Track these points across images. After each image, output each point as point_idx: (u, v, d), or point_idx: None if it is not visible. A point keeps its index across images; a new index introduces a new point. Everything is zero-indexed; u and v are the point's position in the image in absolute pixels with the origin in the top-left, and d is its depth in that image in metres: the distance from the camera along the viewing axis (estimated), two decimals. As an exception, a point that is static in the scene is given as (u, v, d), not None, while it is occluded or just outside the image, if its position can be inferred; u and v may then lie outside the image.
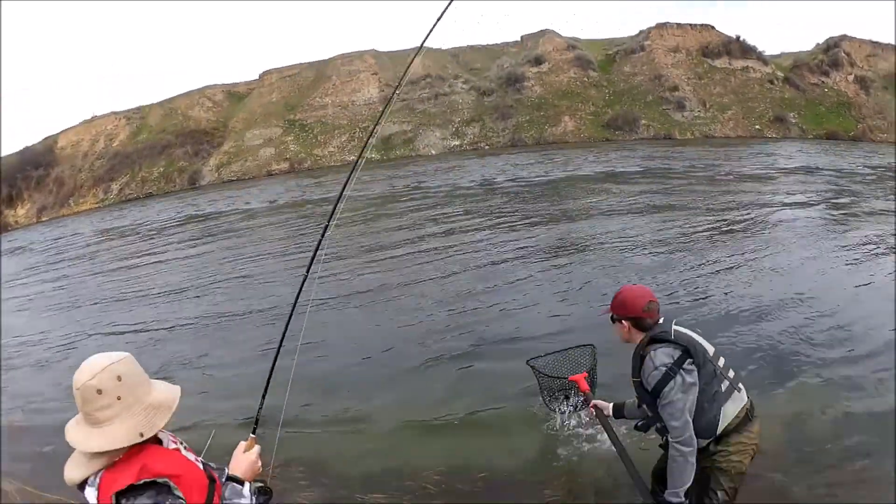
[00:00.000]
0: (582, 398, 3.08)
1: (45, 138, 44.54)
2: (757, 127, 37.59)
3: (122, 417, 1.39)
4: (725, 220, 10.54)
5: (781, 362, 4.87)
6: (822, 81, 42.42)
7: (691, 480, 2.32)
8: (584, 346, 3.29)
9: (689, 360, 2.31)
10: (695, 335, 2.45)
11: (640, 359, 2.42)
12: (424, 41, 2.89)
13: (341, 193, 2.55)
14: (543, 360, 3.30)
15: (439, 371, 5.32)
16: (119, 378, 1.38)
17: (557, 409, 3.30)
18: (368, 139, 3.10)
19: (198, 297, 9.01)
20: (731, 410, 2.38)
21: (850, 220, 10.36)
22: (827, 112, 40.67)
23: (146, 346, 6.93)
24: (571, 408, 3.22)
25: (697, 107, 36.13)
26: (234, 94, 37.97)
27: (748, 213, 10.95)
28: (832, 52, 43.94)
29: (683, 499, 2.33)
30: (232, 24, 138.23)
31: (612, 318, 2.55)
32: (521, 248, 9.46)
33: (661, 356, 2.31)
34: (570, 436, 3.80)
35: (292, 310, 2.29)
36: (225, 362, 6.20)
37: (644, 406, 2.58)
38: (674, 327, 2.43)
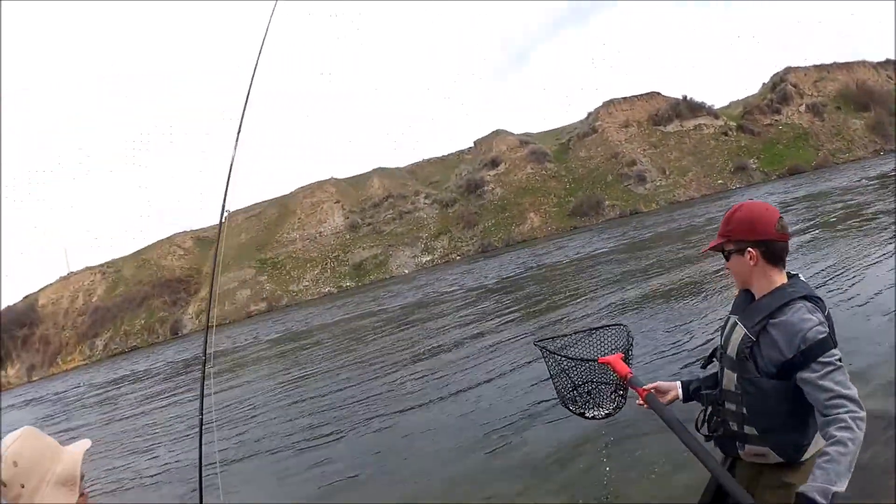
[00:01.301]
0: (621, 389, 2.13)
1: (26, 297, 44.87)
2: (720, 181, 37.93)
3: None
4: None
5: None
6: (776, 120, 43.03)
7: None
8: (612, 325, 2.32)
9: None
10: None
11: (776, 308, 1.71)
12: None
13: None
14: (558, 343, 2.36)
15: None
16: (16, 464, 1.28)
17: (584, 413, 2.26)
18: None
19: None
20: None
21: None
22: (785, 149, 41.12)
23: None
24: (607, 409, 2.19)
25: (658, 176, 36.55)
26: (203, 240, 38.36)
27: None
28: (779, 88, 44.71)
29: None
30: (191, 167, 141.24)
31: (727, 251, 1.81)
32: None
33: (819, 313, 1.69)
34: None
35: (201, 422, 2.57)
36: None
37: (737, 376, 1.78)
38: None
